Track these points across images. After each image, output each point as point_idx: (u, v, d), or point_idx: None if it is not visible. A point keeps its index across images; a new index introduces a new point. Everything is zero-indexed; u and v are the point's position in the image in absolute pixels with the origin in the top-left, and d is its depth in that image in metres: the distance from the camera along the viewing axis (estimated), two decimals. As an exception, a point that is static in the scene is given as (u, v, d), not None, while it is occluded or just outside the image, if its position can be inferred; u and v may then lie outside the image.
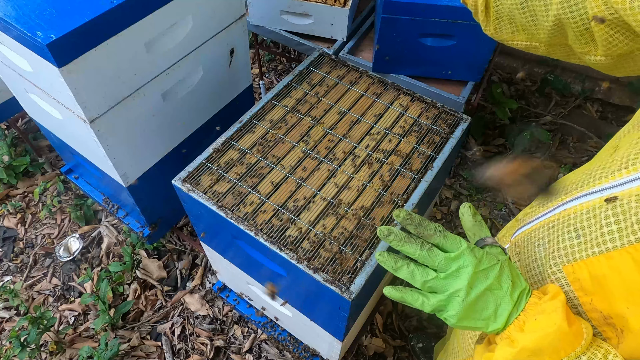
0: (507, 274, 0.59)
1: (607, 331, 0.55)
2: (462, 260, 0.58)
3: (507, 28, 0.79)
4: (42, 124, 1.63)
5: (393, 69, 1.69)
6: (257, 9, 1.83)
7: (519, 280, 0.59)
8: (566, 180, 0.67)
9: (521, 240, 0.71)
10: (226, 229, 1.07)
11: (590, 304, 0.55)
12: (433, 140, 1.18)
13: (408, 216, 0.60)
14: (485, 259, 0.59)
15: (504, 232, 0.86)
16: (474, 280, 0.58)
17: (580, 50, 0.69)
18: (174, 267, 1.99)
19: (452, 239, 0.60)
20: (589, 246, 0.54)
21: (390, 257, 0.60)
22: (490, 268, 0.59)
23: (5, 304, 1.91)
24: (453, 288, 0.58)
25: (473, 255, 0.59)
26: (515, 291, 0.58)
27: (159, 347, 1.78)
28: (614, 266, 0.51)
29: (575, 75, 2.53)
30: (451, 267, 0.58)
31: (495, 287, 0.58)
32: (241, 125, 1.20)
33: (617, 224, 0.51)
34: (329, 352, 1.36)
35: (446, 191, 2.22)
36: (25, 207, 2.21)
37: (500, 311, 0.57)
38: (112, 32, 1.07)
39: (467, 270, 0.57)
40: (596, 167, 0.59)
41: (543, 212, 0.66)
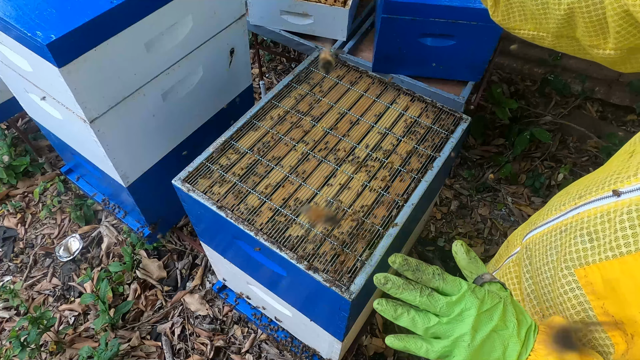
0: (511, 311, 0.57)
1: (616, 336, 0.54)
2: (464, 303, 0.56)
3: (515, 16, 0.78)
4: (42, 124, 1.63)
5: (393, 69, 1.69)
6: (257, 9, 1.83)
7: (524, 318, 0.57)
8: (579, 183, 0.66)
9: (533, 243, 0.70)
10: (226, 229, 1.07)
11: (602, 308, 0.54)
12: (433, 140, 1.18)
13: (404, 262, 0.58)
14: (487, 298, 0.57)
15: (515, 235, 0.86)
16: (478, 323, 0.56)
17: (589, 44, 0.68)
18: (174, 267, 1.99)
19: (452, 281, 0.58)
20: (602, 250, 0.53)
21: (389, 305, 0.58)
22: (493, 308, 0.57)
23: (5, 304, 1.91)
24: (457, 333, 0.56)
25: (475, 296, 0.57)
26: (522, 329, 0.56)
27: (159, 347, 1.78)
28: (627, 271, 0.50)
29: (575, 75, 2.53)
30: (454, 312, 0.56)
31: (501, 328, 0.56)
32: (241, 125, 1.20)
33: (632, 228, 0.50)
34: (329, 352, 1.36)
35: (446, 191, 2.22)
36: (25, 207, 2.21)
37: (508, 352, 0.55)
38: (112, 32, 1.07)
39: (470, 313, 0.56)
40: (611, 172, 0.58)
41: (556, 215, 0.65)
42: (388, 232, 1.00)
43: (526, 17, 0.76)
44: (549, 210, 0.69)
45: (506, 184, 2.26)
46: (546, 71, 2.58)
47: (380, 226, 1.01)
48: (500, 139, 2.41)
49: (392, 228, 1.01)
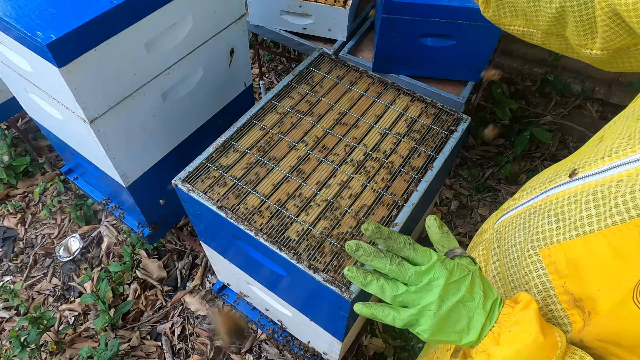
0: (478, 284, 0.58)
1: (574, 314, 0.55)
2: (433, 272, 0.57)
3: (506, 12, 0.79)
4: (42, 124, 1.63)
5: (393, 69, 1.69)
6: (257, 9, 1.83)
7: (490, 291, 0.59)
8: (550, 170, 0.67)
9: (503, 226, 0.71)
10: (226, 229, 1.07)
11: (563, 287, 0.55)
12: (433, 140, 1.18)
13: (377, 229, 0.59)
14: (456, 270, 0.58)
15: (488, 222, 0.87)
16: (445, 293, 0.57)
17: (577, 43, 0.69)
18: (174, 267, 1.99)
19: (423, 251, 0.59)
20: (567, 230, 0.55)
21: (359, 272, 0.59)
22: (461, 279, 0.58)
23: (5, 304, 1.91)
24: (425, 302, 0.57)
25: (444, 267, 0.58)
26: (488, 302, 0.57)
27: (159, 347, 1.78)
28: (589, 249, 0.51)
29: (575, 75, 2.53)
30: (422, 281, 0.57)
31: (468, 299, 0.57)
32: (241, 125, 1.20)
33: (597, 208, 0.51)
34: (329, 352, 1.36)
35: (446, 191, 2.22)
36: (25, 207, 2.21)
37: (473, 323, 0.56)
38: (112, 32, 1.07)
39: (438, 282, 0.57)
40: (581, 157, 0.60)
41: (526, 199, 0.66)
42: (388, 232, 1.00)
43: (517, 14, 0.77)
44: (521, 195, 0.70)
45: (506, 184, 2.26)
46: (546, 71, 2.58)
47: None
48: (500, 139, 2.41)
49: (392, 228, 1.01)
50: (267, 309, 1.49)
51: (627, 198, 0.47)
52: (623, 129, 0.55)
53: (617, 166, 0.51)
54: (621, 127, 0.56)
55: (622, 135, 0.54)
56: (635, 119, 0.54)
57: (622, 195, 0.48)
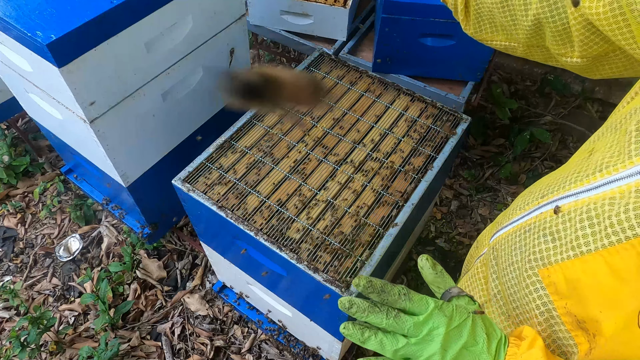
0: (480, 326, 0.57)
1: (579, 336, 0.54)
2: (432, 322, 0.55)
3: (486, 28, 0.79)
4: (42, 124, 1.63)
5: (393, 69, 1.69)
6: (257, 9, 1.83)
7: (493, 331, 0.57)
8: (542, 182, 0.67)
9: (499, 244, 0.70)
10: (226, 229, 1.07)
11: (565, 308, 0.54)
12: (433, 140, 1.18)
13: (369, 284, 0.57)
14: (455, 315, 0.57)
15: (484, 235, 0.86)
16: (447, 342, 0.55)
17: (557, 52, 0.69)
18: (174, 267, 1.99)
19: (418, 300, 0.57)
20: (564, 249, 0.54)
21: (356, 329, 0.57)
22: (462, 324, 0.56)
23: (5, 304, 1.91)
24: (427, 353, 0.55)
25: (443, 314, 0.56)
26: (492, 343, 0.56)
27: (159, 347, 1.78)
28: (587, 270, 0.51)
29: (575, 75, 2.53)
30: (422, 332, 0.55)
31: (471, 344, 0.55)
32: (241, 125, 1.20)
33: (592, 227, 0.50)
34: (329, 352, 1.36)
35: (446, 191, 2.22)
36: (25, 207, 2.21)
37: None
38: (112, 32, 1.07)
39: (438, 332, 0.55)
40: (572, 170, 0.59)
41: (520, 215, 0.66)
42: (388, 232, 1.00)
43: (497, 29, 0.77)
44: (514, 210, 0.69)
45: (506, 184, 2.26)
46: (546, 71, 2.58)
47: (380, 226, 1.01)
48: (500, 139, 2.41)
49: (392, 228, 1.01)
50: (269, 311, 1.49)
51: (621, 217, 0.47)
52: (613, 142, 0.55)
53: (608, 182, 0.51)
54: (611, 140, 0.55)
55: (612, 149, 0.53)
56: (623, 132, 0.53)
57: (616, 215, 0.48)
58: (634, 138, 0.50)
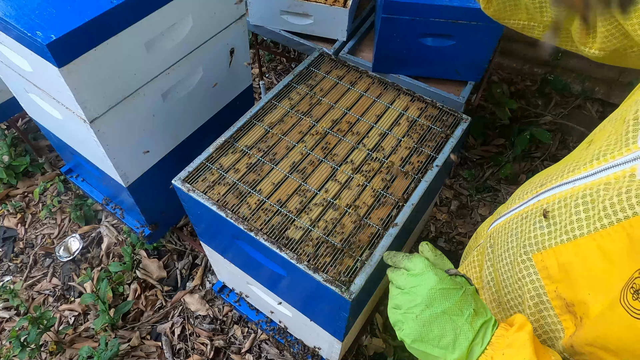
0: (469, 301, 0.58)
1: (567, 320, 0.55)
2: (422, 277, 0.60)
3: (508, 7, 0.79)
4: (42, 124, 1.63)
5: (393, 69, 1.69)
6: (257, 9, 1.83)
7: (483, 310, 0.58)
8: (542, 174, 0.68)
9: (496, 232, 0.71)
10: (226, 229, 1.07)
11: (555, 292, 0.56)
12: (433, 140, 1.18)
13: (387, 254, 0.69)
14: (446, 280, 0.60)
15: (483, 226, 0.87)
16: (431, 299, 0.58)
17: (579, 40, 0.71)
18: (174, 267, 1.99)
19: (416, 258, 0.63)
20: (558, 234, 0.55)
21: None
22: (451, 290, 0.59)
23: (5, 304, 1.91)
24: (411, 304, 0.59)
25: (434, 273, 0.60)
26: (477, 320, 0.57)
27: (159, 347, 1.78)
28: (579, 253, 0.52)
29: (575, 75, 2.53)
30: (411, 284, 0.61)
31: (455, 313, 0.57)
32: (241, 125, 1.20)
33: (586, 212, 0.51)
34: (329, 352, 1.36)
35: (446, 191, 2.22)
36: (25, 207, 2.21)
37: (459, 341, 0.56)
38: (112, 32, 1.07)
39: (425, 286, 0.59)
40: (572, 161, 0.60)
41: (518, 204, 0.67)
42: (388, 232, 1.00)
43: (519, 9, 0.78)
44: (513, 200, 0.71)
45: (506, 184, 2.26)
46: (546, 71, 2.58)
47: (380, 226, 1.01)
48: (500, 139, 2.41)
49: (392, 228, 1.01)
50: (272, 312, 1.49)
51: (614, 201, 0.47)
52: (611, 131, 0.55)
53: (604, 169, 0.51)
54: (610, 130, 0.56)
55: (609, 138, 0.54)
56: (621, 122, 0.54)
57: (609, 199, 0.48)
58: (632, 127, 0.50)
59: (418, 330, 0.58)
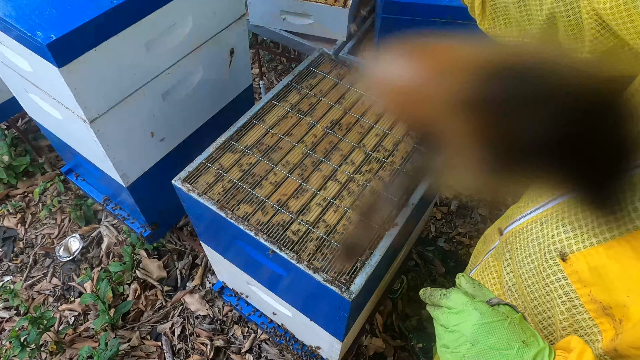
0: (517, 332, 0.55)
1: (604, 323, 0.54)
2: (463, 314, 0.57)
3: (500, 23, 0.80)
4: (42, 124, 1.63)
5: (393, 69, 1.69)
6: (257, 9, 1.83)
7: (534, 339, 0.54)
8: None
9: (512, 236, 0.70)
10: (226, 229, 1.07)
11: (589, 296, 0.54)
12: (433, 140, 1.17)
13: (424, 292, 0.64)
14: (489, 312, 0.56)
15: (492, 229, 0.86)
16: (476, 335, 0.55)
17: (569, 47, 0.71)
18: (174, 267, 1.99)
19: (454, 294, 0.59)
20: (586, 237, 0.54)
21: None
22: (495, 322, 0.55)
23: (5, 304, 1.91)
24: (457, 342, 0.56)
25: (474, 308, 0.57)
26: (529, 351, 0.53)
27: (159, 347, 1.78)
28: (613, 256, 0.51)
29: (575, 75, 2.53)
30: (454, 322, 0.57)
31: (503, 347, 0.54)
32: (241, 125, 1.20)
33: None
34: (329, 352, 1.36)
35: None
36: (25, 207, 2.21)
37: None
38: (112, 32, 1.07)
39: (468, 323, 0.56)
40: None
41: (534, 207, 0.66)
42: (388, 232, 1.00)
43: (511, 23, 0.78)
44: (526, 203, 0.70)
45: (506, 184, 2.26)
46: (546, 71, 2.58)
47: (380, 226, 1.01)
48: (500, 139, 2.41)
49: (392, 228, 1.01)
50: (274, 313, 1.49)
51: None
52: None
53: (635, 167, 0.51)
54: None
55: None
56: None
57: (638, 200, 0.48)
58: None
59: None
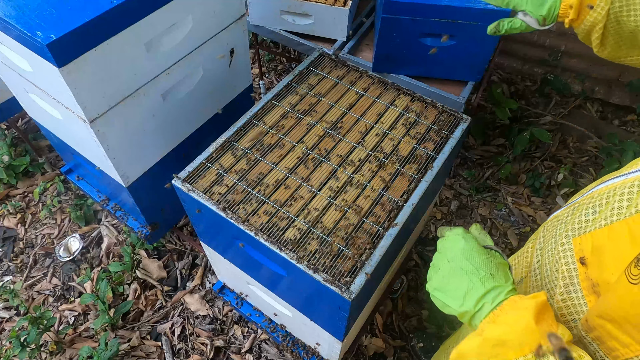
0: (490, 266, 0.64)
1: (592, 301, 0.59)
2: (453, 241, 0.68)
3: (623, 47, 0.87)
4: (42, 124, 1.63)
5: (393, 69, 1.69)
6: (257, 9, 1.83)
7: (502, 278, 0.63)
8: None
9: (550, 222, 0.76)
10: (226, 229, 1.07)
11: (585, 274, 0.59)
12: (433, 140, 1.18)
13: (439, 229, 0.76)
14: (474, 245, 0.67)
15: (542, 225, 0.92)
16: (454, 257, 0.66)
17: None
18: (174, 267, 1.99)
19: (456, 228, 0.70)
20: (598, 220, 0.58)
21: None
22: (474, 253, 0.65)
23: (5, 304, 1.91)
24: (437, 260, 0.70)
25: (463, 238, 0.68)
26: (492, 282, 0.62)
27: (159, 347, 1.78)
28: (612, 236, 0.55)
29: (575, 75, 2.53)
30: (444, 245, 0.70)
31: (471, 272, 0.64)
32: (241, 125, 1.20)
33: (629, 200, 0.54)
34: (329, 352, 1.36)
35: (446, 191, 2.22)
36: (25, 207, 2.21)
37: (470, 294, 0.63)
38: (112, 32, 1.07)
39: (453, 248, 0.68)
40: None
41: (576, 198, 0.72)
42: (388, 232, 1.00)
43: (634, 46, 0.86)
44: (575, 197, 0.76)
45: (506, 184, 2.26)
46: (546, 71, 2.58)
47: (380, 226, 1.01)
48: (500, 139, 2.41)
49: (392, 228, 1.01)
50: (275, 314, 1.49)
51: None
52: None
53: None
54: None
55: None
56: None
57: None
58: None
59: (438, 281, 0.67)
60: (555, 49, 2.46)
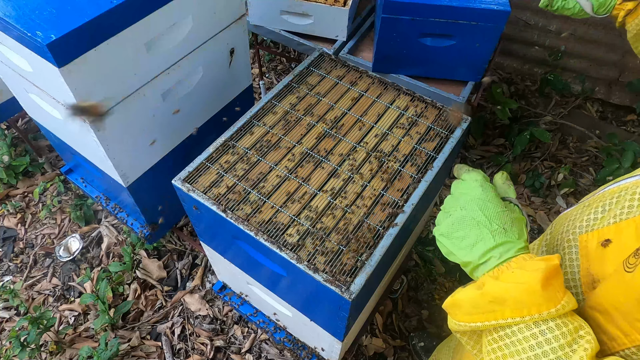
0: (505, 220, 0.60)
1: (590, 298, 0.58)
2: (470, 187, 0.63)
3: None
4: (42, 124, 1.63)
5: (393, 69, 1.69)
6: (257, 9, 1.83)
7: (516, 235, 0.59)
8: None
9: (558, 220, 0.75)
10: (226, 229, 1.07)
11: (587, 270, 0.59)
12: (433, 140, 1.18)
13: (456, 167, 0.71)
14: (492, 197, 0.62)
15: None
16: (467, 204, 0.62)
17: None
18: (174, 267, 1.99)
19: (475, 173, 0.66)
20: (606, 217, 0.58)
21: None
22: (489, 204, 0.61)
23: (5, 304, 1.91)
24: (448, 205, 0.65)
25: (480, 186, 0.63)
26: (503, 236, 0.58)
27: (159, 347, 1.78)
28: (618, 233, 0.55)
29: (575, 75, 2.53)
30: (459, 190, 0.65)
31: (483, 223, 0.60)
32: (241, 125, 1.20)
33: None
34: (329, 352, 1.36)
35: (446, 191, 2.22)
36: (25, 207, 2.21)
37: (478, 246, 0.59)
38: (112, 32, 1.07)
39: (468, 195, 0.63)
40: None
41: (588, 197, 0.71)
42: (388, 232, 1.00)
43: None
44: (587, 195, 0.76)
45: (506, 184, 2.26)
46: (546, 71, 2.58)
47: (380, 226, 1.01)
48: (500, 139, 2.41)
49: (392, 228, 1.01)
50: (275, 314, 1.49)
51: None
52: None
53: None
54: None
55: None
56: None
57: None
58: None
59: (447, 227, 0.62)
60: (555, 49, 2.46)
